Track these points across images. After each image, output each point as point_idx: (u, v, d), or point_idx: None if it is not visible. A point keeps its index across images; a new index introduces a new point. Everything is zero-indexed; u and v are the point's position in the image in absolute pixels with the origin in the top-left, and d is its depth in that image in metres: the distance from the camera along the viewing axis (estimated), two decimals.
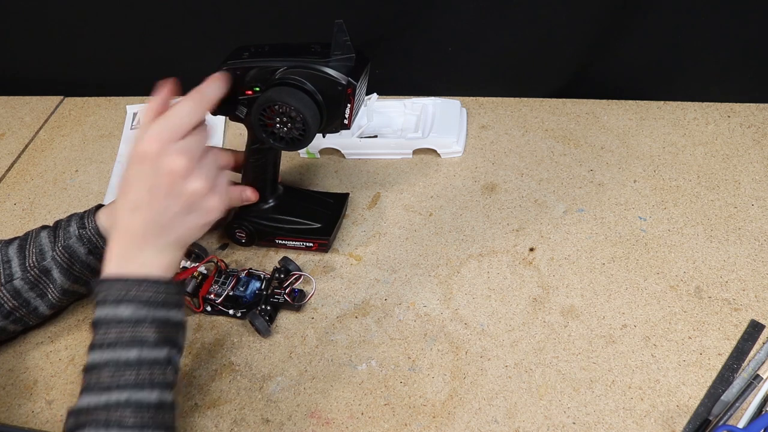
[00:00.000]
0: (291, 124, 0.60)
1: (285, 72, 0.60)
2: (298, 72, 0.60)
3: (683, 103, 0.83)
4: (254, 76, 0.61)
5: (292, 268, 0.68)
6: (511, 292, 0.65)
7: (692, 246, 0.67)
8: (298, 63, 0.60)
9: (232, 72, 0.61)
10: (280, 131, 0.61)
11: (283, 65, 0.60)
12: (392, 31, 0.87)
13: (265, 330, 0.63)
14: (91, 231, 0.62)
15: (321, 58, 0.60)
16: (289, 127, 0.60)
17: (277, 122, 0.60)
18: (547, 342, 0.61)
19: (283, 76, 0.60)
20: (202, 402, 0.60)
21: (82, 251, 0.62)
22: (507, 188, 0.76)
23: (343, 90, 0.59)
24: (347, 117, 0.62)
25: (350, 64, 0.60)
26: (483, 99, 0.89)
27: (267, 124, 0.61)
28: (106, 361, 0.48)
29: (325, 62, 0.59)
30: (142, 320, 0.49)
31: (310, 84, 0.60)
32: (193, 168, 0.51)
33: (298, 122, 0.60)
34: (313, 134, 0.61)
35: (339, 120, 0.62)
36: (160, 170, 0.50)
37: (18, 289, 0.61)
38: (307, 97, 0.59)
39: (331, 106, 0.61)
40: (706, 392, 0.55)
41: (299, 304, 0.65)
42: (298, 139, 0.61)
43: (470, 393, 0.58)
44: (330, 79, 0.59)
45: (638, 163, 0.77)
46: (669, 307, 0.62)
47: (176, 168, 0.50)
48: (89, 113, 0.98)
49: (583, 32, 0.82)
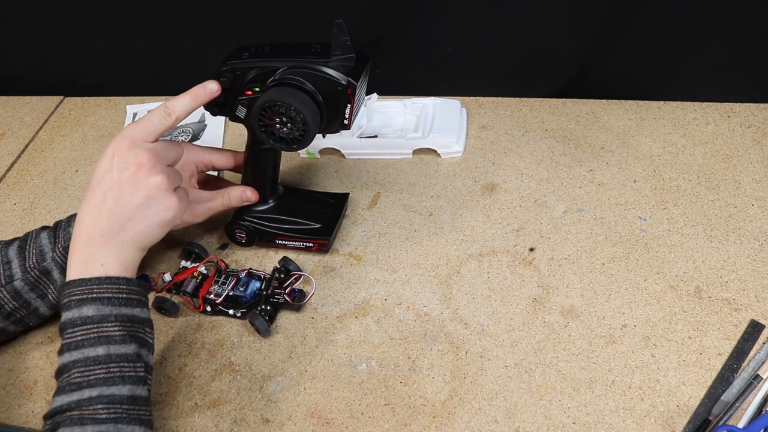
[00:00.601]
0: (291, 124, 0.60)
1: (285, 72, 0.60)
2: (298, 72, 0.60)
3: (683, 103, 0.83)
4: (254, 77, 0.61)
5: (292, 268, 0.68)
6: (511, 292, 0.65)
7: (692, 246, 0.67)
8: (298, 63, 0.60)
9: (231, 72, 0.61)
10: (280, 131, 0.61)
11: (283, 65, 0.60)
12: (392, 31, 0.87)
13: (265, 330, 0.63)
14: None
15: (321, 59, 0.60)
16: (289, 127, 0.60)
17: (277, 122, 0.60)
18: (547, 342, 0.61)
19: (283, 77, 0.60)
20: (202, 402, 0.60)
21: None
22: (507, 188, 0.76)
23: (343, 90, 0.59)
24: (347, 117, 0.62)
25: (350, 64, 0.60)
26: (483, 99, 0.89)
27: (267, 124, 0.61)
28: (74, 360, 0.49)
29: (324, 62, 0.59)
30: (106, 317, 0.50)
31: (310, 84, 0.60)
32: (157, 164, 0.54)
33: (299, 122, 0.60)
34: (313, 134, 0.61)
35: (339, 120, 0.62)
36: (128, 162, 0.53)
37: (18, 290, 0.61)
38: (307, 97, 0.59)
39: (331, 106, 0.61)
40: (706, 392, 0.55)
41: (299, 304, 0.65)
42: (298, 140, 0.61)
43: (470, 393, 0.58)
44: (330, 80, 0.59)
45: (638, 163, 0.77)
46: (669, 307, 0.62)
47: (142, 160, 0.53)
48: (89, 113, 0.98)
49: (583, 32, 0.82)
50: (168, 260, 0.73)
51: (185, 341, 0.65)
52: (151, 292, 0.69)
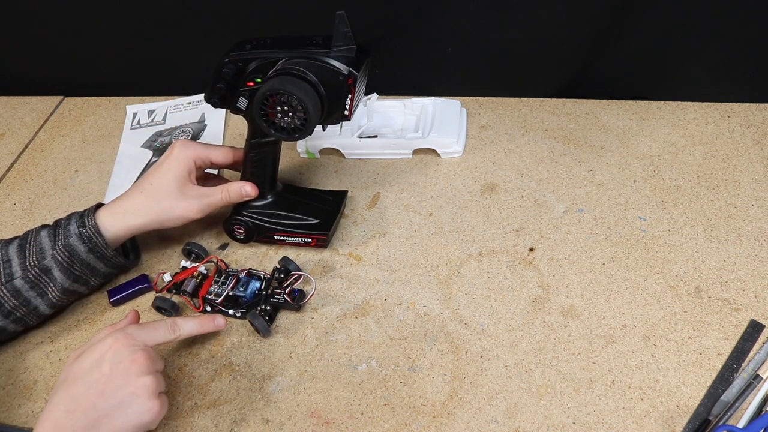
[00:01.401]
0: (292, 113, 0.60)
1: (286, 62, 0.60)
2: (300, 62, 0.60)
3: (683, 103, 0.83)
4: (256, 68, 0.61)
5: (292, 268, 0.68)
6: (511, 292, 0.65)
7: (692, 246, 0.67)
8: (300, 53, 0.60)
9: (233, 63, 0.61)
10: (281, 121, 0.61)
11: (284, 56, 0.60)
12: (392, 31, 0.87)
13: (265, 330, 0.63)
14: (91, 229, 0.62)
15: (322, 49, 0.60)
16: (290, 116, 0.60)
17: (278, 111, 0.60)
18: (547, 342, 0.61)
19: (285, 66, 0.60)
20: (202, 402, 0.60)
21: (82, 249, 0.62)
22: (507, 188, 0.76)
23: (344, 80, 0.60)
24: (348, 108, 0.62)
25: (351, 55, 0.60)
26: (483, 99, 0.89)
27: (268, 113, 0.61)
28: None
29: (326, 53, 0.60)
30: None
31: (312, 74, 0.60)
32: (150, 366, 0.52)
33: (300, 111, 0.60)
34: (314, 124, 0.61)
35: (340, 111, 0.62)
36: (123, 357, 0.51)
37: (18, 288, 0.61)
38: (308, 86, 0.60)
39: (332, 96, 0.61)
40: (706, 392, 0.55)
41: (299, 304, 0.65)
42: (299, 129, 0.61)
43: (470, 393, 0.58)
44: (331, 69, 0.59)
45: (638, 163, 0.77)
46: (669, 307, 0.62)
47: (138, 359, 0.52)
48: (89, 113, 0.98)
49: (583, 32, 0.82)
50: (168, 260, 0.73)
51: (185, 341, 0.65)
52: (150, 292, 0.69)
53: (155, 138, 0.91)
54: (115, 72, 1.00)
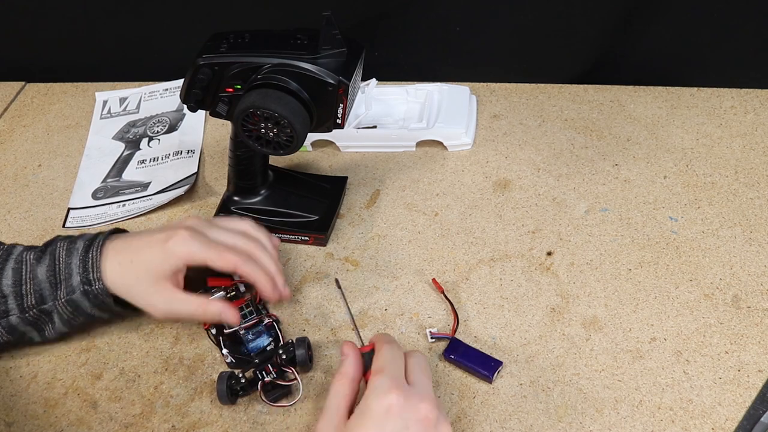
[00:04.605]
0: (278, 129, 0.60)
1: (269, 71, 0.60)
2: (284, 72, 0.60)
3: (719, 89, 0.83)
4: (235, 73, 0.61)
5: (299, 358, 0.61)
6: (526, 302, 0.65)
7: (729, 249, 0.67)
8: (283, 61, 0.60)
9: (209, 68, 0.61)
10: (266, 135, 0.61)
11: (266, 63, 0.60)
12: (392, 7, 0.87)
13: (223, 399, 0.59)
14: (98, 290, 0.60)
15: (308, 54, 0.60)
16: (275, 132, 0.61)
17: (262, 127, 0.61)
18: (567, 357, 0.61)
19: (267, 77, 0.60)
20: (180, 424, 0.60)
21: (87, 305, 0.61)
22: (522, 185, 0.76)
23: (334, 90, 0.60)
24: (340, 117, 0.62)
25: (341, 59, 0.60)
26: (495, 85, 0.89)
27: (252, 129, 0.61)
28: None
29: (312, 59, 0.59)
30: None
31: (297, 85, 0.60)
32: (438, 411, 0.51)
33: (285, 127, 0.60)
34: (302, 140, 0.62)
35: (331, 120, 0.62)
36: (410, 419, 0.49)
37: (14, 324, 0.62)
38: (294, 100, 0.60)
39: (321, 106, 0.61)
40: (744, 414, 0.56)
41: (269, 402, 0.59)
42: (285, 145, 0.62)
43: (480, 414, 0.58)
44: (319, 80, 0.60)
45: (669, 157, 0.77)
46: (703, 318, 0.62)
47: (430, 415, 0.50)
48: (54, 101, 0.98)
49: (607, 10, 0.82)
50: None
51: (161, 356, 0.65)
52: None
53: (128, 129, 0.91)
54: (83, 54, 1.00)
